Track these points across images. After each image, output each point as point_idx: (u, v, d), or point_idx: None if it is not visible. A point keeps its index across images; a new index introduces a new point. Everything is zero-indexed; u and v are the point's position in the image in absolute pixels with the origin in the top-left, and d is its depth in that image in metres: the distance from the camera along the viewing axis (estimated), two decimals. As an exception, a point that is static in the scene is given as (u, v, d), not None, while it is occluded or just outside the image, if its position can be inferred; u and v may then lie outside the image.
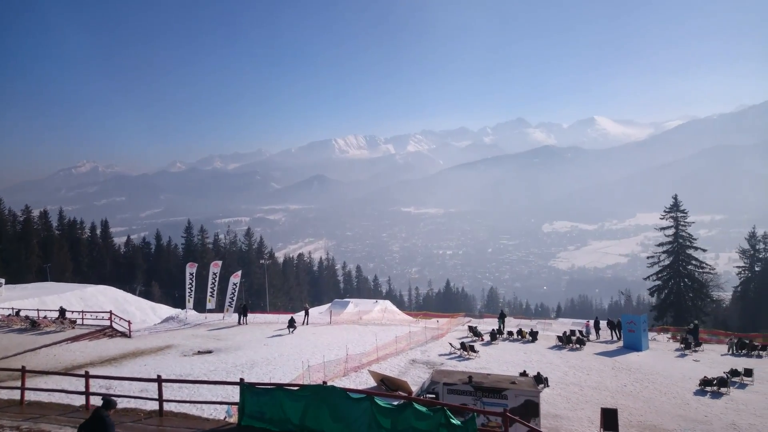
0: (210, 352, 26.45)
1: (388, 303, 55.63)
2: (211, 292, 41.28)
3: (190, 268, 41.68)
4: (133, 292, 61.69)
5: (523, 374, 20.62)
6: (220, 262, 43.84)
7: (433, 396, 14.74)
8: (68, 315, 33.52)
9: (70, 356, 24.79)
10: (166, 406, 13.64)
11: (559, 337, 31.93)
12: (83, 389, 14.05)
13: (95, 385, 16.39)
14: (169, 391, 16.49)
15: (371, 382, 19.88)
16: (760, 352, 29.61)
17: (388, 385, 18.43)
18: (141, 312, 48.53)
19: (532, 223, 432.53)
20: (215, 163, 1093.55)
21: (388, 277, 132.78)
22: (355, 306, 49.87)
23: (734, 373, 22.79)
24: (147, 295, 65.97)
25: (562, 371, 23.80)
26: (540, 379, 20.48)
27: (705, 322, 50.16)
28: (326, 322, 39.20)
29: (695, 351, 30.47)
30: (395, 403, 10.66)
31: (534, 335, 32.88)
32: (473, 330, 33.39)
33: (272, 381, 17.68)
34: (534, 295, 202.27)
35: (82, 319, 33.61)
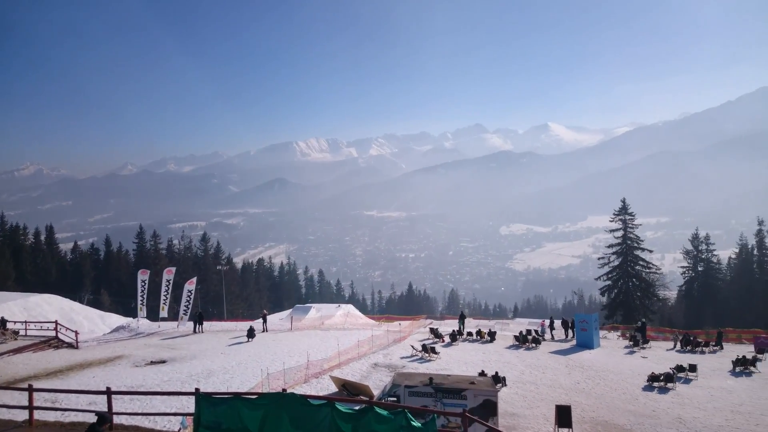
0: (164, 362, 25.47)
1: (350, 307, 55.44)
2: (164, 299, 39.81)
3: (142, 275, 40.12)
4: (81, 301, 58.55)
5: (482, 374, 21.05)
6: (174, 269, 42.38)
7: (395, 399, 14.79)
8: (10, 326, 31.47)
9: (12, 369, 23.22)
10: (117, 420, 13.03)
11: (516, 336, 32.82)
12: (26, 403, 13.28)
13: (40, 399, 15.51)
14: (120, 403, 15.78)
15: (333, 388, 19.72)
16: (704, 349, 31.45)
17: (349, 390, 18.34)
18: (89, 322, 46.06)
19: (491, 226, 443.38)
20: (169, 166, 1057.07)
21: (351, 281, 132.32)
22: (317, 311, 49.33)
23: (680, 368, 24.04)
24: (96, 303, 62.64)
25: (519, 370, 24.46)
26: (498, 379, 20.94)
27: (652, 320, 52.88)
28: (287, 329, 38.56)
29: (643, 348, 32.04)
30: (356, 407, 10.62)
31: (492, 335, 33.64)
32: (434, 332, 33.79)
33: (230, 390, 17.24)
34: (492, 295, 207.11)
35: (26, 329, 31.71)
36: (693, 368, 24.19)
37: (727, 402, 19.65)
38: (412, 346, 28.31)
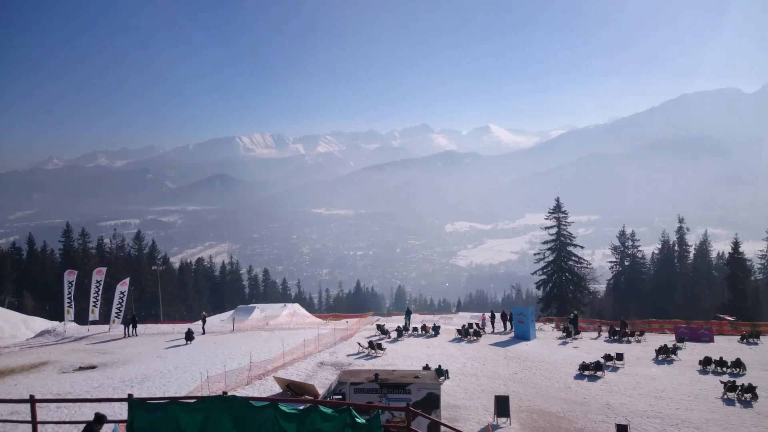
0: (94, 367, 24.03)
1: (297, 306, 54.62)
2: (94, 302, 37.48)
3: (69, 276, 37.54)
4: (2, 304, 53.81)
5: (426, 368, 21.52)
6: (104, 269, 40.01)
7: (340, 397, 14.79)
8: None
9: None
10: (42, 429, 12.11)
11: (458, 330, 33.82)
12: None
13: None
14: (46, 412, 14.81)
15: (277, 389, 19.40)
16: (630, 338, 33.82)
17: (294, 390, 18.13)
18: (10, 326, 42.36)
19: (437, 224, 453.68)
20: (99, 160, 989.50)
21: (297, 279, 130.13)
22: (261, 311, 48.22)
23: (608, 357, 25.70)
24: (18, 307, 57.55)
25: (461, 363, 25.21)
26: (441, 372, 21.49)
27: (583, 312, 56.25)
28: (228, 330, 37.43)
29: (575, 339, 34.03)
30: (301, 407, 10.51)
31: (437, 330, 34.46)
32: (381, 328, 34.09)
33: (166, 395, 16.52)
34: (437, 291, 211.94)
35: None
36: (620, 357, 25.97)
37: (651, 388, 21.17)
38: (359, 344, 28.39)
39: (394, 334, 33.04)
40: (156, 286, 63.78)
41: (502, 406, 16.57)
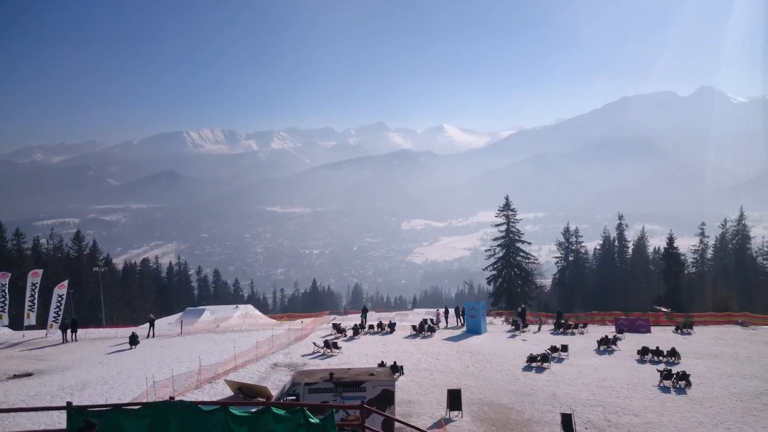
0: (30, 374, 22.59)
1: (249, 307, 53.44)
2: (30, 305, 35.14)
3: (2, 279, 35.18)
4: None
5: (381, 365, 21.70)
6: (40, 271, 37.49)
7: (294, 398, 14.65)
8: None
9: None
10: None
11: (413, 326, 34.34)
12: None
13: None
14: (-28, 427, 13.64)
15: (228, 392, 18.96)
16: (574, 330, 35.50)
17: (246, 392, 17.78)
18: (-70, 336, 38.84)
19: (393, 222, 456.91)
20: (35, 156, 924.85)
21: (251, 280, 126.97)
22: (211, 313, 46.82)
23: (554, 349, 26.83)
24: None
25: (415, 358, 25.61)
26: (396, 368, 21.74)
27: (531, 305, 58.49)
28: (176, 333, 36.10)
29: (523, 331, 35.35)
30: (253, 410, 10.34)
31: (392, 326, 34.82)
32: (337, 327, 34.03)
33: (109, 402, 15.75)
34: (394, 288, 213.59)
35: None
36: (565, 348, 27.21)
37: (593, 378, 22.23)
38: (314, 343, 28.21)
39: (350, 333, 33.06)
40: (98, 289, 60.40)
41: (454, 399, 16.99)
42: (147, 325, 35.68)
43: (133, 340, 29.61)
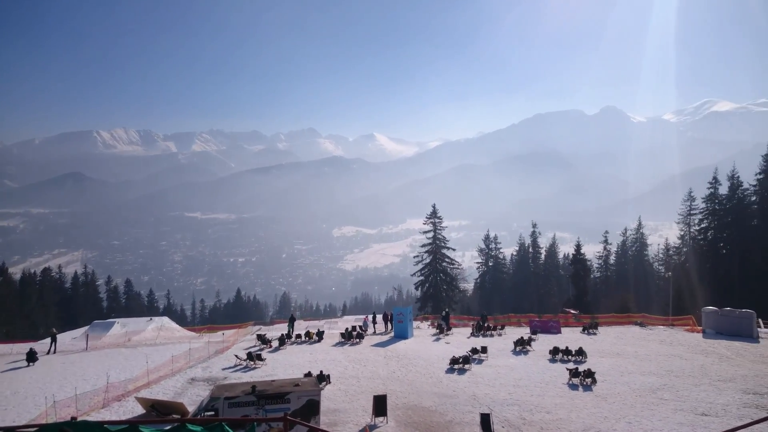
0: None
1: (165, 320, 50.10)
2: None
3: None
4: None
5: (308, 375, 21.37)
6: None
7: (213, 413, 13.98)
8: None
9: None
10: None
11: (342, 333, 34.17)
12: None
13: None
14: None
15: (139, 410, 17.69)
16: (493, 332, 37.23)
17: (159, 410, 16.69)
18: None
19: (324, 229, 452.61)
20: None
21: (167, 290, 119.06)
22: (122, 326, 43.28)
23: (474, 351, 27.99)
24: None
25: (343, 366, 25.50)
26: (323, 377, 21.51)
27: (455, 309, 60.66)
28: (82, 349, 33.06)
29: (447, 335, 36.51)
30: (167, 427, 9.73)
31: (320, 335, 34.39)
32: (262, 338, 32.94)
33: (2, 425, 14.13)
34: (324, 296, 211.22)
35: None
36: (484, 350, 28.48)
37: (510, 378, 23.44)
38: (236, 356, 27.12)
39: (275, 344, 32.15)
40: (-13, 303, 53.71)
41: (379, 405, 17.13)
42: (48, 339, 32.37)
43: (31, 357, 26.84)
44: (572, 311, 48.39)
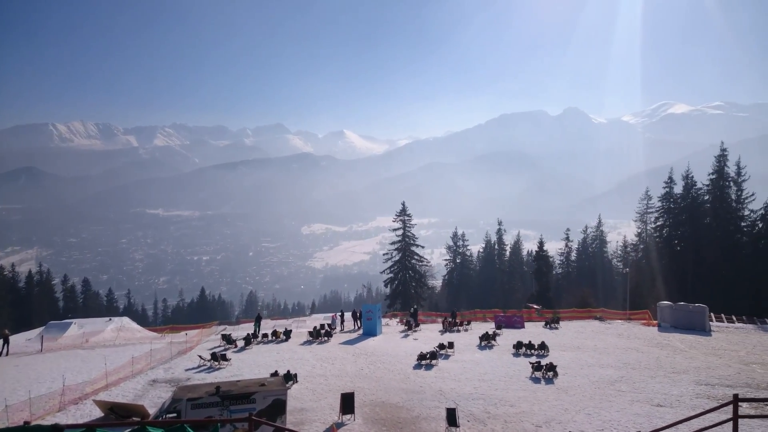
0: None
1: (125, 320, 48.42)
2: None
3: None
4: None
5: (274, 374, 21.12)
6: None
7: (175, 415, 13.63)
8: None
9: None
10: None
11: (309, 332, 33.96)
12: None
13: None
14: None
15: (97, 413, 17.08)
16: (459, 328, 37.81)
17: (118, 412, 16.15)
18: None
19: (293, 226, 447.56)
20: None
21: (127, 290, 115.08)
22: (79, 327, 41.57)
23: (441, 346, 28.36)
24: None
25: (310, 365, 25.34)
26: (289, 377, 21.30)
27: (423, 306, 61.27)
28: (36, 351, 31.62)
29: (415, 331, 36.85)
30: (126, 430, 9.44)
31: (288, 334, 34.02)
32: (227, 338, 32.32)
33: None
34: (292, 294, 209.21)
35: None
36: (451, 345, 28.90)
37: (476, 372, 23.87)
38: (200, 356, 26.52)
39: (241, 343, 31.60)
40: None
41: (347, 403, 17.12)
42: (0, 341, 30.76)
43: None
44: (535, 306, 49.62)
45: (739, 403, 11.72)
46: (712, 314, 37.40)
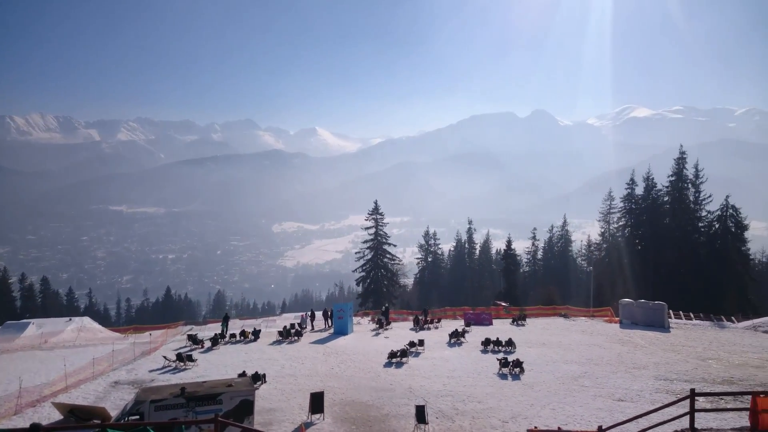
0: None
1: (86, 320, 46.73)
2: None
3: None
4: None
5: (242, 375, 20.81)
6: None
7: (138, 417, 13.28)
8: None
9: None
10: None
11: (279, 332, 33.58)
12: None
13: None
14: None
15: (57, 416, 16.52)
16: (430, 325, 38.15)
17: (79, 415, 15.61)
18: None
19: (263, 224, 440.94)
20: None
21: (89, 289, 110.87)
22: (37, 327, 39.90)
23: (412, 344, 28.59)
24: None
25: (280, 365, 25.08)
26: (258, 377, 21.04)
27: (395, 304, 61.58)
28: (-11, 354, 30.07)
29: (386, 329, 37.01)
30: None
31: (257, 334, 33.56)
32: (193, 338, 31.65)
33: None
34: (262, 294, 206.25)
35: None
36: (421, 343, 29.18)
37: (445, 369, 24.15)
38: (165, 357, 25.86)
39: (208, 344, 30.98)
40: None
41: (316, 402, 17.05)
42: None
43: None
44: (503, 304, 50.66)
45: (696, 398, 12.33)
46: (671, 311, 38.98)
